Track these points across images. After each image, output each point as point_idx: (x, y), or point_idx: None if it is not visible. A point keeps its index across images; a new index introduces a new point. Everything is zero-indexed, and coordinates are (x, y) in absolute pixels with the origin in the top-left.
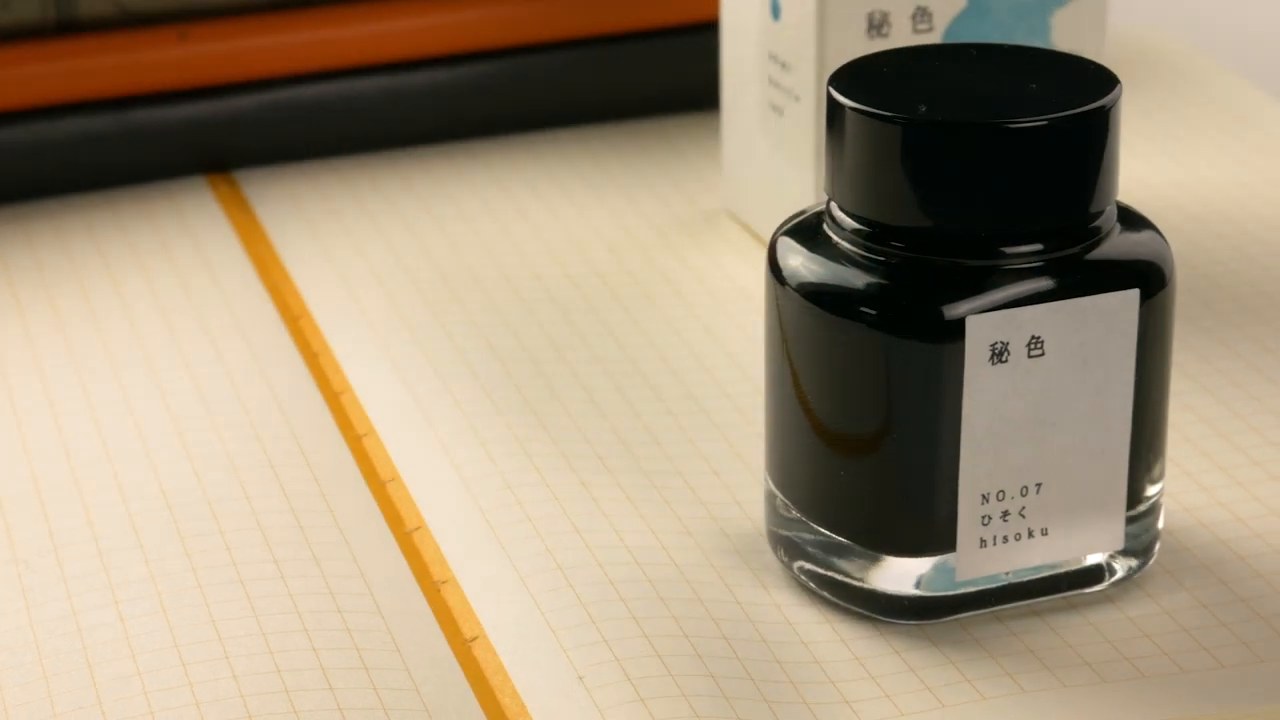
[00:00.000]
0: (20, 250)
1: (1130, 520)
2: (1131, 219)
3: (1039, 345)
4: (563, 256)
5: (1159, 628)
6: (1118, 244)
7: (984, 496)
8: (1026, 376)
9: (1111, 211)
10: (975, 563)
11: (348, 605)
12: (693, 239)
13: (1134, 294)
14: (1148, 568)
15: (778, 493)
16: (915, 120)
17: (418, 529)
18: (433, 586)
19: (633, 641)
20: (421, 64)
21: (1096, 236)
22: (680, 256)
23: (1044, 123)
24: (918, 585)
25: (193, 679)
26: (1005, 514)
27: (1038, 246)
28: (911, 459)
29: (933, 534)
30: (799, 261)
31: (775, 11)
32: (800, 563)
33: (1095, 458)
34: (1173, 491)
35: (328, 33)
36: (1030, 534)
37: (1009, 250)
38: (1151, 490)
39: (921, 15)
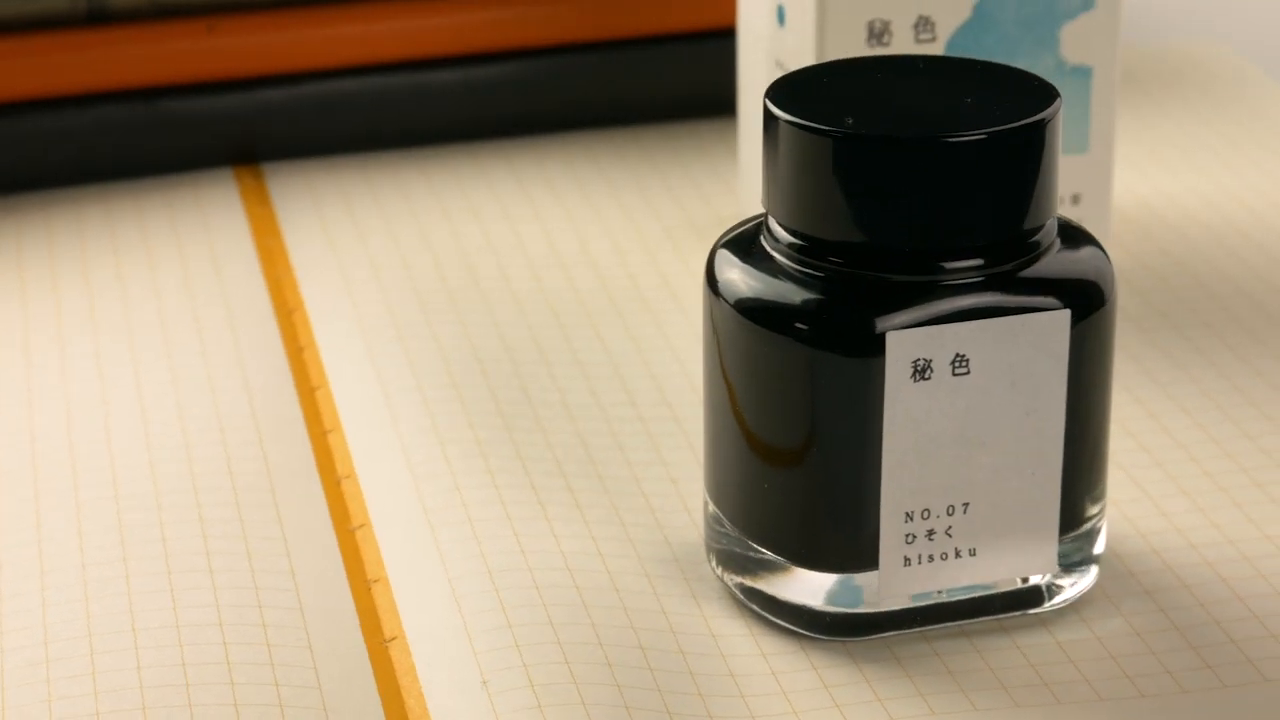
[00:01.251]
0: (36, 234)
1: (1068, 543)
2: (1073, 235)
3: (964, 363)
4: (568, 259)
5: (1086, 654)
6: (1056, 261)
7: (908, 514)
8: (952, 394)
9: (1051, 227)
10: (899, 581)
11: (269, 601)
12: (702, 243)
13: (1064, 314)
14: (1087, 591)
15: (711, 504)
16: (843, 133)
17: (361, 527)
18: (364, 585)
19: (545, 648)
20: (450, 61)
21: (1034, 253)
22: (685, 261)
23: (976, 137)
24: (842, 602)
25: (97, 668)
26: (931, 533)
27: (974, 262)
28: (835, 474)
29: (858, 550)
30: (733, 273)
31: (780, 18)
32: (732, 575)
33: (1026, 479)
34: (1132, 515)
35: (355, 28)
36: (958, 554)
37: (944, 266)
38: (1092, 512)
39: (924, 25)
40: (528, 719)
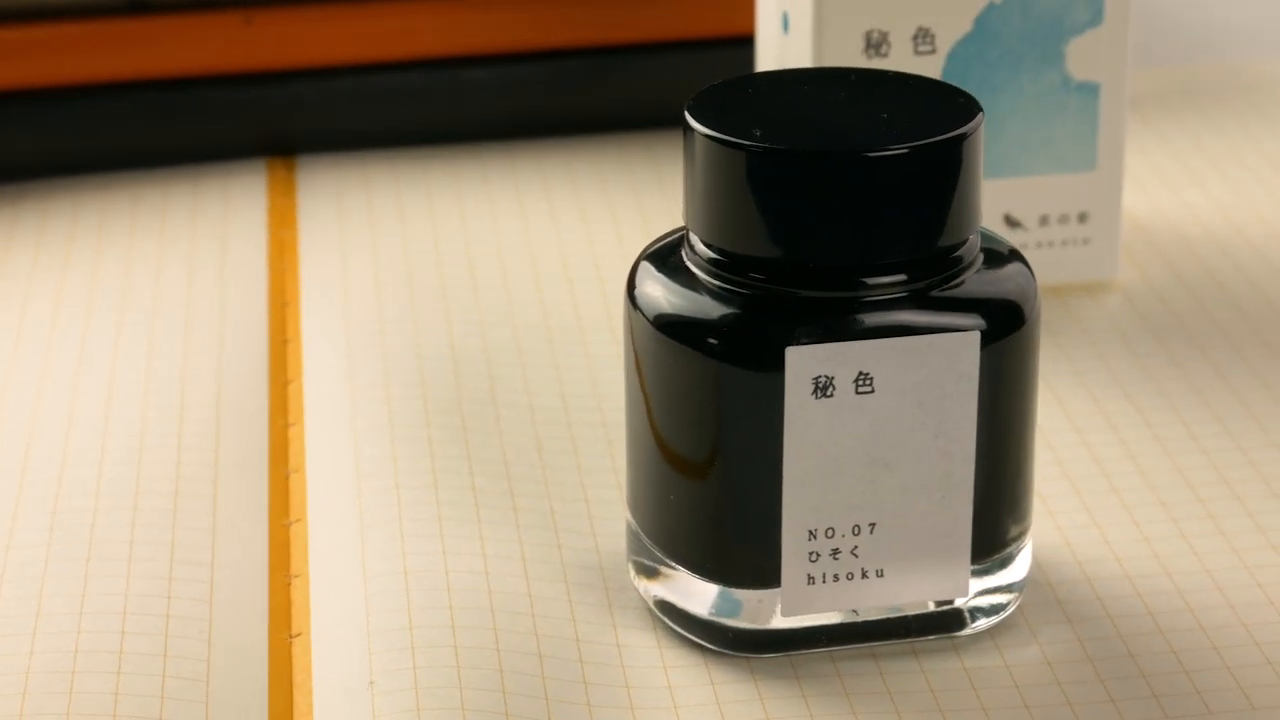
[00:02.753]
0: (61, 215)
1: (988, 567)
2: (998, 253)
3: (868, 382)
4: (574, 260)
5: (991, 681)
6: (976, 279)
7: (811, 532)
8: (856, 413)
9: (973, 245)
10: (802, 599)
11: (180, 592)
12: None
13: (973, 336)
14: (1008, 617)
15: (629, 515)
16: (752, 146)
17: (296, 522)
18: (284, 580)
19: (440, 651)
20: (487, 59)
21: (954, 271)
22: None
23: (889, 152)
24: (749, 618)
25: None
26: (835, 552)
27: (893, 279)
28: (740, 488)
29: (764, 567)
30: (650, 285)
31: (785, 25)
32: (646, 587)
33: (936, 502)
34: (1074, 541)
35: (392, 23)
36: (864, 575)
37: (862, 282)
38: (1013, 537)
39: (923, 36)
40: None
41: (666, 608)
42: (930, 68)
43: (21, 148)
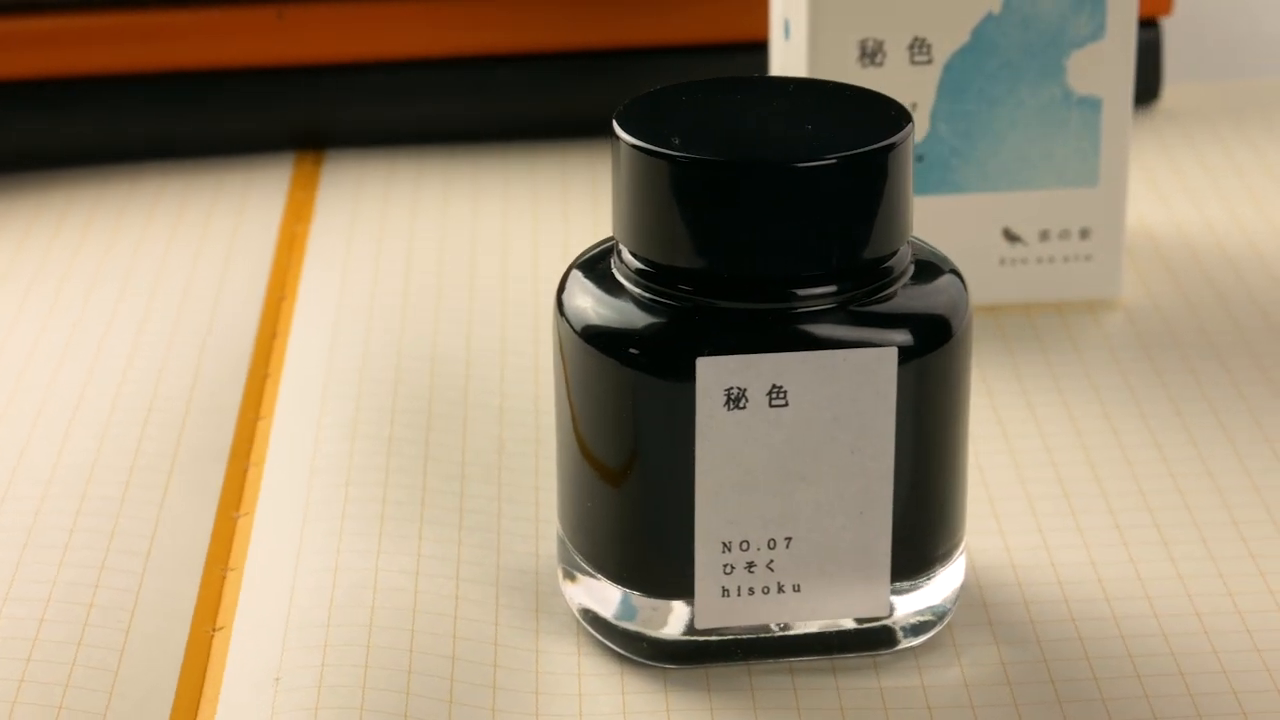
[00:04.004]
0: (83, 205)
1: (912, 586)
2: (931, 266)
3: (781, 395)
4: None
5: (904, 702)
6: (904, 293)
7: (725, 545)
8: (770, 426)
9: (903, 256)
10: (717, 612)
11: (108, 582)
12: None
13: (890, 352)
14: (935, 637)
15: (558, 522)
16: (672, 156)
17: (244, 516)
18: (219, 573)
19: (352, 650)
20: (516, 58)
21: (880, 283)
22: None
23: (810, 163)
24: (666, 628)
25: None
26: (751, 565)
27: (819, 290)
28: (655, 497)
29: (681, 577)
30: (577, 293)
31: (786, 32)
32: (571, 593)
33: (854, 518)
34: (1020, 563)
35: (424, 20)
36: (780, 589)
37: (785, 294)
38: (942, 555)
39: (919, 46)
40: (299, 718)
41: (588, 615)
42: (927, 78)
43: (53, 136)
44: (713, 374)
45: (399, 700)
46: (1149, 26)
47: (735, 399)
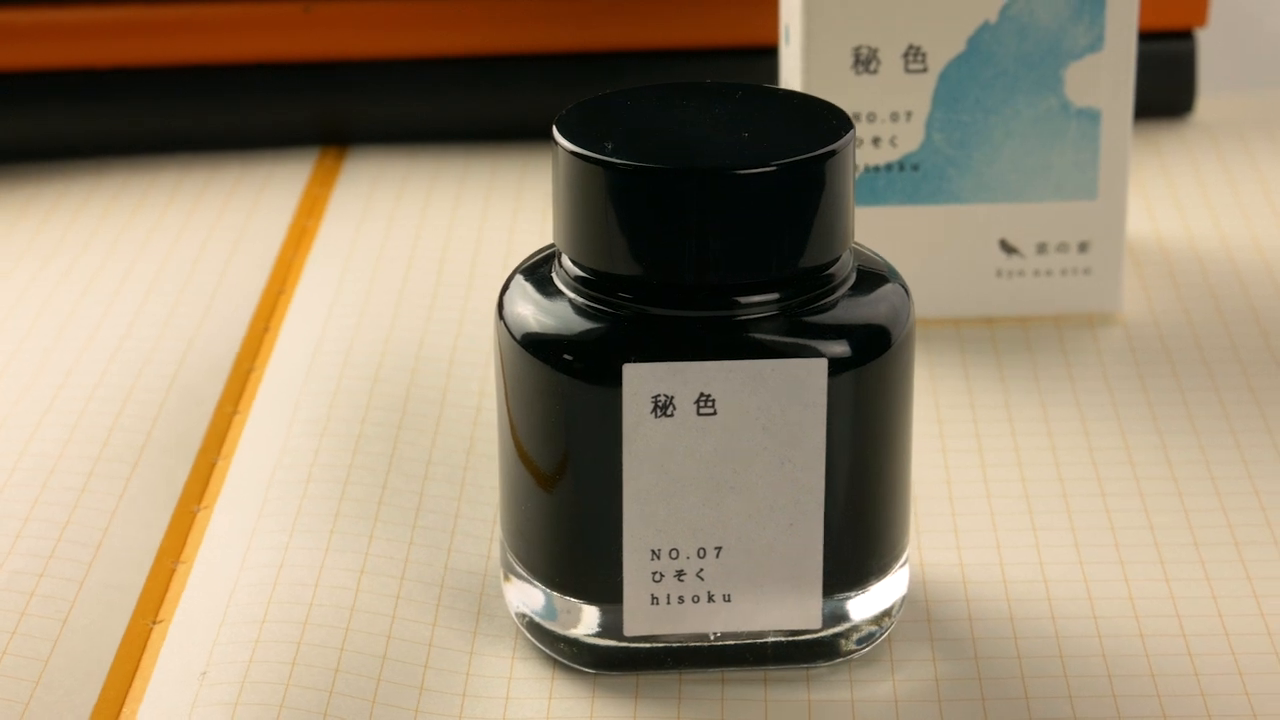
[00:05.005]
0: (105, 194)
1: (848, 599)
2: (873, 274)
3: (709, 403)
4: None
5: (830, 716)
6: (844, 301)
7: (654, 552)
8: (698, 434)
9: (843, 266)
10: (646, 619)
11: (55, 571)
12: None
13: (820, 363)
14: (874, 651)
15: (499, 526)
16: (604, 162)
17: (203, 509)
18: (168, 567)
19: (282, 646)
20: (538, 57)
21: (819, 292)
22: None
23: (745, 170)
24: (599, 634)
25: None
26: (680, 573)
27: (757, 299)
28: (585, 504)
29: (611, 583)
30: (516, 297)
31: (786, 37)
32: (509, 596)
33: (785, 529)
34: (976, 578)
35: (450, 16)
36: (710, 598)
37: (724, 302)
38: (880, 569)
39: (914, 54)
40: (217, 714)
41: (524, 619)
42: (922, 87)
43: (80, 126)
44: (639, 381)
45: (321, 699)
46: (1184, 37)
47: (662, 406)
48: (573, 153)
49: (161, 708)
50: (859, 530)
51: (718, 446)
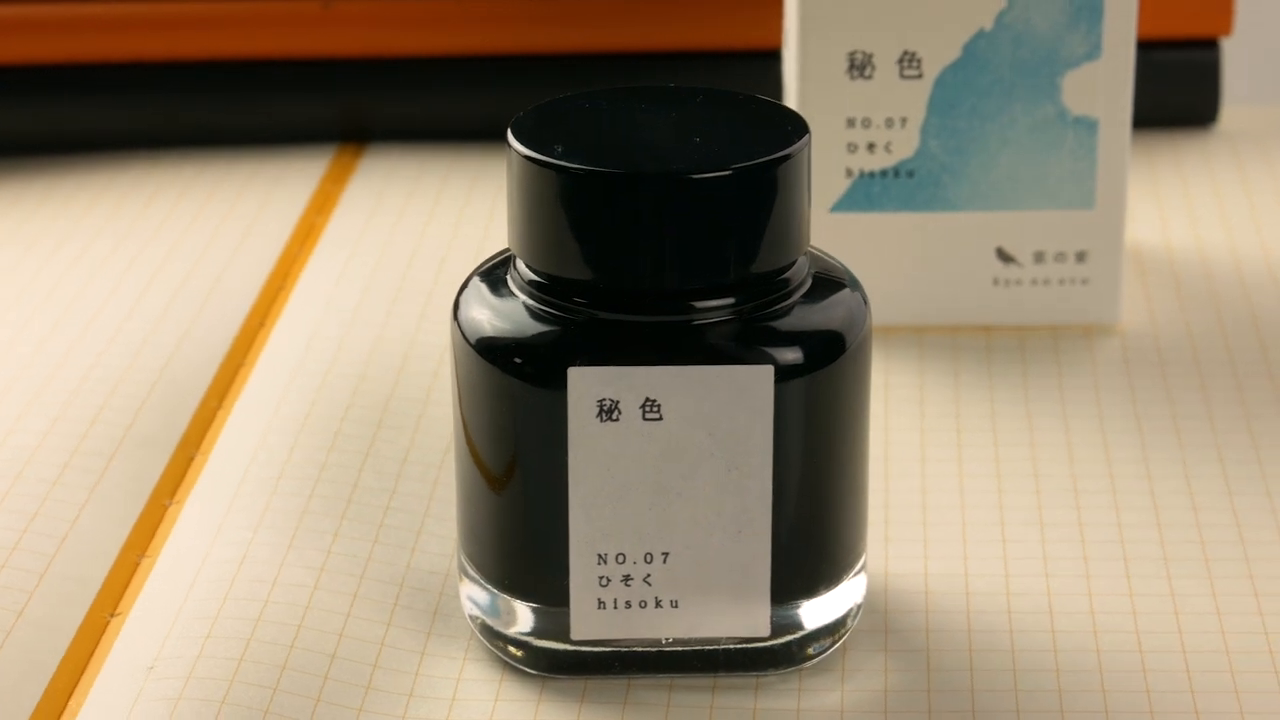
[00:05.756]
0: (122, 186)
1: (800, 608)
2: (830, 280)
3: (655, 408)
4: None
5: None
6: (800, 307)
7: (601, 557)
8: (644, 439)
9: (799, 270)
10: (593, 624)
11: (16, 563)
12: None
13: (766, 370)
14: (827, 660)
15: (457, 528)
16: (556, 166)
17: (174, 504)
18: (133, 560)
19: (232, 643)
20: (559, 57)
21: (774, 297)
22: None
23: (697, 175)
24: (547, 637)
25: None
26: (627, 578)
27: (712, 304)
28: (533, 507)
29: (559, 587)
30: (471, 300)
31: (787, 41)
32: (464, 598)
33: (732, 536)
34: (938, 590)
35: (470, 14)
36: (658, 604)
37: (678, 307)
38: (833, 578)
39: (909, 60)
40: (157, 709)
41: (476, 620)
42: (917, 93)
43: (103, 118)
44: (584, 384)
45: (264, 696)
46: (1208, 47)
47: (608, 410)
48: (525, 156)
49: (106, 700)
50: (810, 538)
51: (664, 452)
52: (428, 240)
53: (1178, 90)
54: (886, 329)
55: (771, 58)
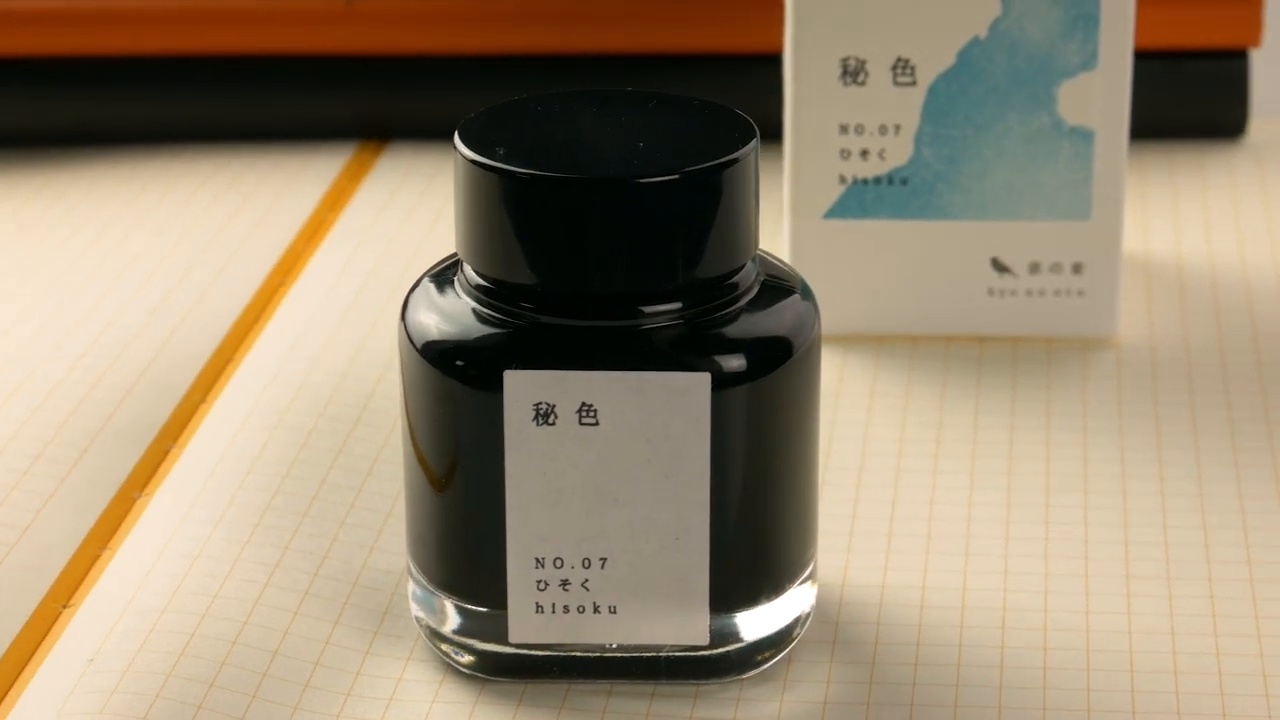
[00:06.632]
0: (140, 179)
1: (744, 616)
2: (780, 286)
3: (591, 413)
4: None
5: None
6: (747, 313)
7: (538, 560)
8: (580, 444)
9: (746, 276)
10: (531, 627)
11: None
12: None
13: (703, 377)
14: (770, 670)
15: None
16: (498, 170)
17: (143, 497)
18: (93, 552)
19: (175, 637)
20: (579, 58)
21: (719, 303)
22: None
23: (641, 179)
24: (488, 639)
25: None
26: (565, 583)
27: (657, 309)
28: (472, 510)
29: (498, 590)
30: (419, 303)
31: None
32: (411, 602)
33: (670, 543)
34: (893, 602)
35: (492, 13)
36: (596, 609)
37: (622, 311)
38: (780, 586)
39: (903, 67)
40: (91, 701)
41: (420, 621)
42: (911, 100)
43: (128, 112)
44: (520, 388)
45: (200, 691)
46: (1237, 57)
47: (544, 414)
48: (468, 160)
49: (44, 692)
50: (752, 547)
51: (600, 457)
52: (432, 239)
53: (1205, 102)
54: (879, 337)
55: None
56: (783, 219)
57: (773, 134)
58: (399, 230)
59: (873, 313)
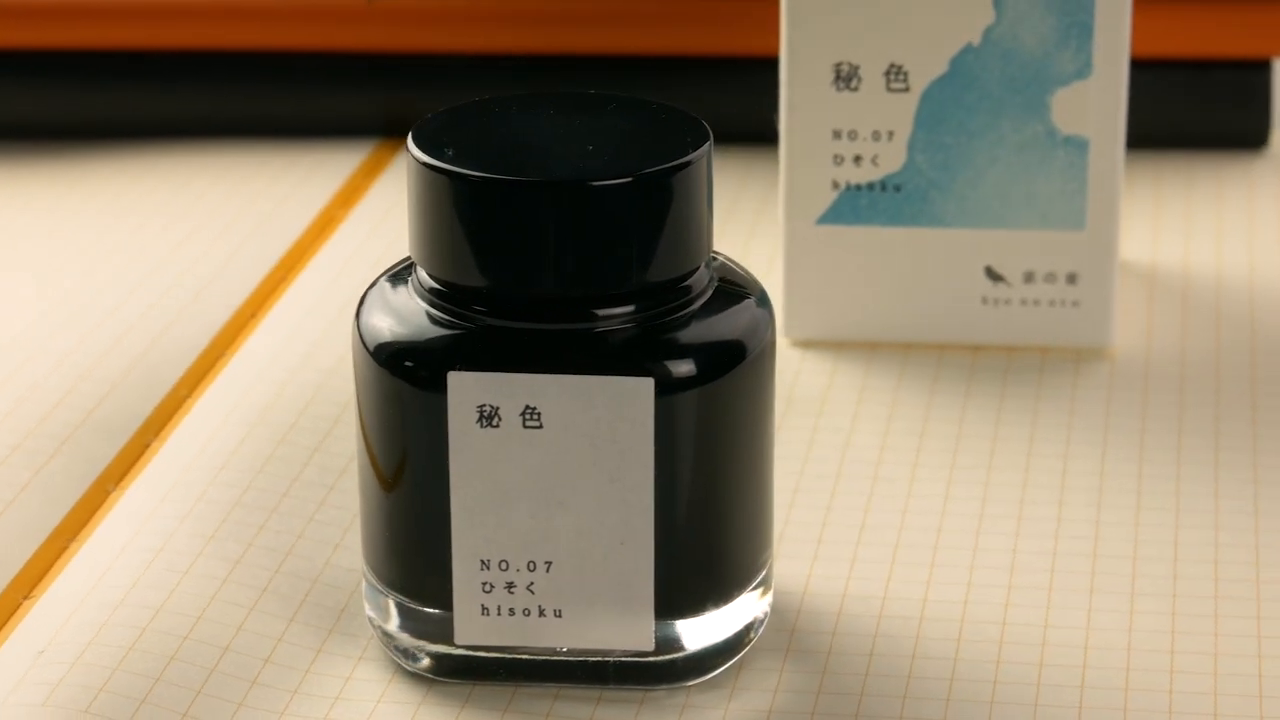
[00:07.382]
0: (157, 173)
1: (691, 623)
2: (734, 290)
3: (535, 416)
4: None
5: None
6: (700, 316)
7: (484, 563)
8: (525, 447)
9: (699, 280)
10: (477, 630)
11: None
12: None
13: (646, 382)
14: (718, 677)
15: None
16: (448, 172)
17: (117, 490)
18: (60, 545)
19: (127, 631)
20: (596, 59)
21: (671, 306)
22: None
23: (592, 182)
24: (437, 640)
25: None
26: (510, 586)
27: (609, 312)
28: (417, 510)
29: (444, 591)
30: (374, 303)
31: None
32: (364, 602)
33: (615, 548)
34: (853, 612)
35: (513, 13)
36: (541, 613)
37: (574, 314)
38: (730, 593)
39: (896, 73)
40: (35, 693)
41: (372, 620)
42: (904, 106)
43: (150, 106)
44: (464, 389)
45: (145, 685)
46: (1261, 67)
47: (488, 417)
48: (419, 161)
49: None
50: (701, 553)
51: (545, 460)
52: None
53: (1227, 112)
54: (872, 344)
55: None
56: (778, 224)
57: (769, 139)
58: (406, 228)
59: (865, 319)
